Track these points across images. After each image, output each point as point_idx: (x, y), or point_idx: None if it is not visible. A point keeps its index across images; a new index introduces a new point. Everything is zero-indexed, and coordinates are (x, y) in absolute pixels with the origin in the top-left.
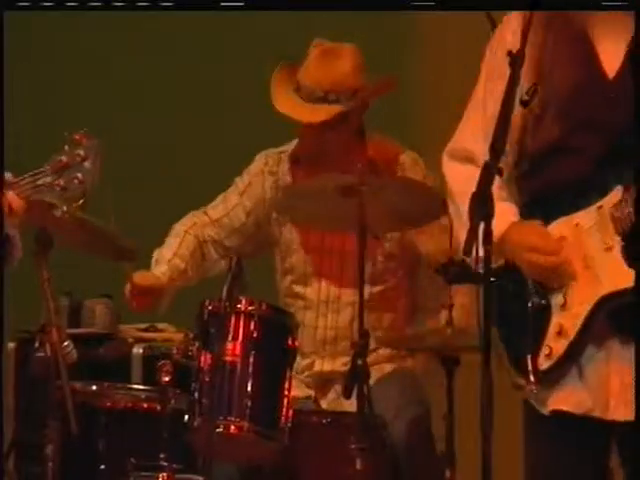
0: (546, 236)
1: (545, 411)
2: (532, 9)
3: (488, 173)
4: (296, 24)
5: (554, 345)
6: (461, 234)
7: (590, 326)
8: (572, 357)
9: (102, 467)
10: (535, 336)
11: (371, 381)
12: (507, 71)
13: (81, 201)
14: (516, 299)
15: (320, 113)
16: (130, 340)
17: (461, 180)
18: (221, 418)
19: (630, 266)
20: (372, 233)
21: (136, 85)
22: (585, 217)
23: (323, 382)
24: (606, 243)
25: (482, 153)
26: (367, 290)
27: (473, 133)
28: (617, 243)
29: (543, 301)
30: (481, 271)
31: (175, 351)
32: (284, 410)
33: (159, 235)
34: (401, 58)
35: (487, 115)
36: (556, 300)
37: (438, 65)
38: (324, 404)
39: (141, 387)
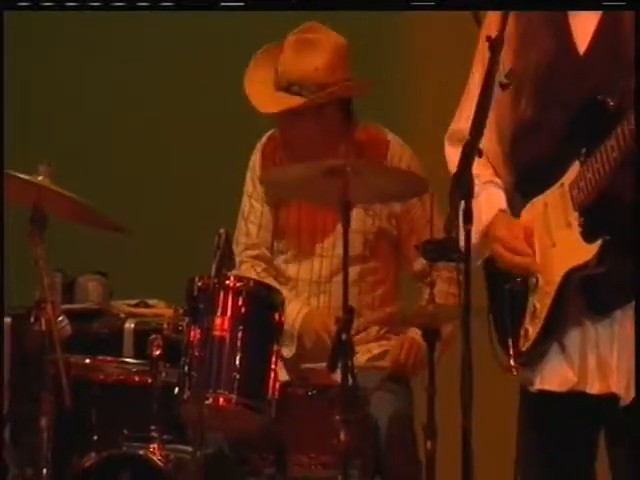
0: (518, 235)
1: (533, 390)
2: (531, 9)
3: (468, 154)
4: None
5: (530, 326)
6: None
7: (559, 304)
8: (547, 336)
9: (95, 438)
10: (515, 319)
11: (360, 360)
12: (505, 50)
13: None
14: (502, 283)
15: (279, 103)
16: (122, 315)
17: (456, 163)
18: (210, 391)
19: (587, 240)
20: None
21: (136, 85)
22: (551, 196)
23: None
24: (566, 220)
25: None
26: (359, 267)
27: (467, 116)
28: (575, 219)
29: (517, 281)
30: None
31: (166, 326)
32: (271, 383)
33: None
34: (385, 49)
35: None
36: (531, 281)
37: (422, 56)
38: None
39: (133, 361)
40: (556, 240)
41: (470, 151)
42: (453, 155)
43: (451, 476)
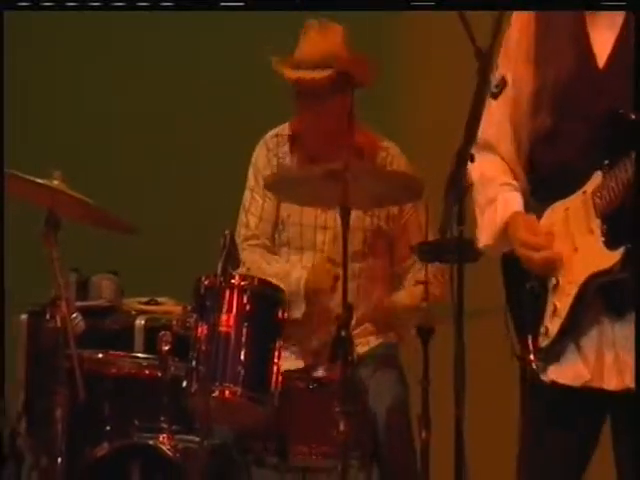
0: (537, 232)
1: (547, 383)
2: (533, 9)
3: (460, 159)
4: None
5: (550, 324)
6: (478, 219)
7: (579, 304)
8: (566, 334)
9: (107, 428)
10: (535, 316)
11: (358, 353)
12: (524, 61)
13: None
14: (521, 282)
15: (314, 75)
16: (133, 312)
17: (477, 166)
18: (216, 384)
19: (609, 247)
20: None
21: (136, 85)
22: (573, 202)
23: (316, 352)
24: (589, 226)
25: (498, 140)
26: (358, 263)
27: (491, 122)
28: (597, 226)
29: (536, 281)
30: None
31: (174, 322)
32: (274, 376)
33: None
34: (386, 50)
35: (507, 103)
36: (551, 282)
37: (422, 57)
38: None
39: (143, 355)
40: (578, 245)
41: (462, 157)
42: (478, 163)
43: (444, 464)
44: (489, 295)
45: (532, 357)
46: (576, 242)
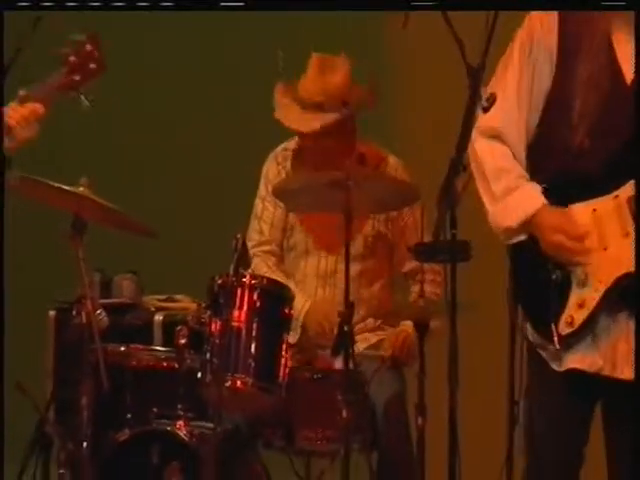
0: (574, 222)
1: (560, 369)
2: (531, 9)
3: (454, 168)
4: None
5: (575, 315)
6: (489, 206)
7: (607, 300)
8: (589, 325)
9: (128, 416)
10: (557, 306)
11: (359, 348)
12: (539, 58)
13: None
14: (539, 272)
15: (315, 122)
16: (152, 309)
17: (488, 155)
18: (229, 375)
19: None
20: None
21: (139, 83)
22: (602, 204)
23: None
24: (624, 229)
25: (509, 131)
26: (359, 265)
27: (502, 113)
28: (633, 230)
29: (559, 272)
30: None
31: (190, 318)
32: (282, 368)
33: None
34: (385, 53)
35: (521, 95)
36: (577, 276)
37: (421, 62)
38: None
39: (161, 349)
40: (609, 244)
41: (455, 167)
42: (483, 146)
43: (439, 450)
44: (483, 292)
45: (557, 342)
46: (607, 242)
